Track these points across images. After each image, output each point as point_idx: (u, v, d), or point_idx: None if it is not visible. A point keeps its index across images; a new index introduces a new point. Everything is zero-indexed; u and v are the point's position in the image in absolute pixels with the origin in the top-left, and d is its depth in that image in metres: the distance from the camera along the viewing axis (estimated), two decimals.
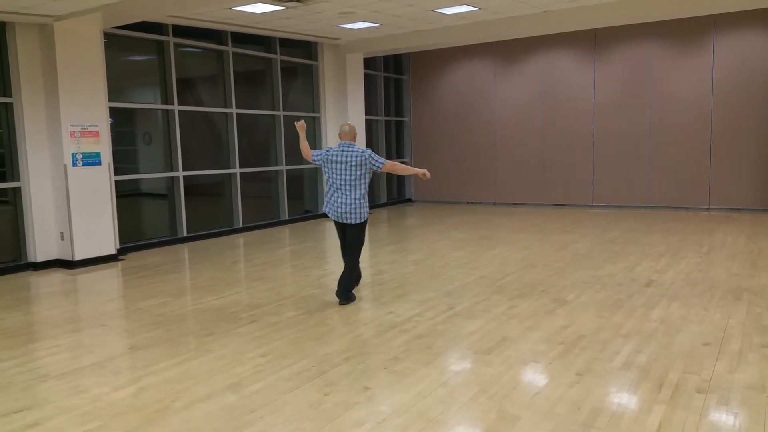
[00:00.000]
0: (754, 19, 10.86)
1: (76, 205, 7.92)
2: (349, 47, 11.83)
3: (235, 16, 9.10)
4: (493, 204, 13.71)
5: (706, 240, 8.53)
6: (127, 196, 9.25)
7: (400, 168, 5.84)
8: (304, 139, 5.97)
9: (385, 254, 7.96)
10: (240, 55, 10.62)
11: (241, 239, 10.03)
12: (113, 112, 8.72)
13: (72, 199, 7.88)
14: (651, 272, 6.66)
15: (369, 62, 13.19)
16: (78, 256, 7.96)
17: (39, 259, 7.97)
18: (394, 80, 14.60)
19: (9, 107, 7.75)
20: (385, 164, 5.59)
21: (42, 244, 7.98)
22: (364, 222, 5.68)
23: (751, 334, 4.53)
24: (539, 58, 12.94)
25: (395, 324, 5.05)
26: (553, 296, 5.79)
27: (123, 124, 9.32)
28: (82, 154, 7.98)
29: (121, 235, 8.71)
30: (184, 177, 9.76)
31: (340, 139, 5.72)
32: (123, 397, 3.73)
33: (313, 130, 12.10)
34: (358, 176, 5.54)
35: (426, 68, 14.32)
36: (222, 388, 3.82)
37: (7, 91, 7.73)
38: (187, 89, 10.16)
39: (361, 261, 6.07)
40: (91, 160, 8.09)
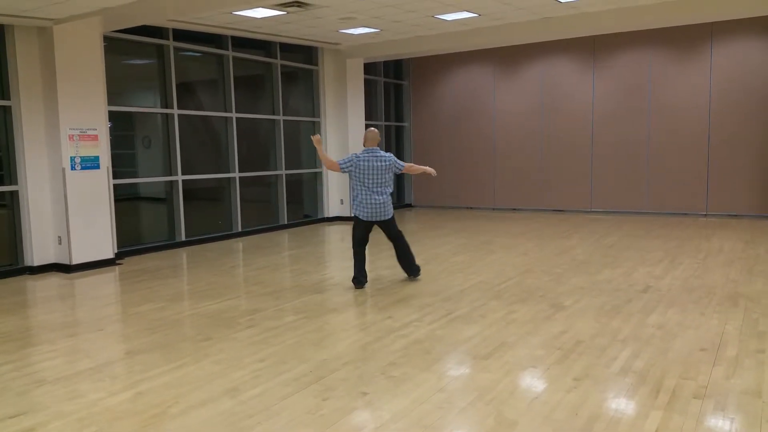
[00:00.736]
0: (752, 27, 10.89)
1: (74, 209, 7.91)
2: (349, 52, 11.86)
3: (236, 21, 9.11)
4: (493, 209, 13.72)
5: (704, 246, 8.54)
6: (126, 200, 9.24)
7: (414, 169, 6.66)
8: (323, 152, 6.50)
9: (384, 259, 7.96)
10: (240, 60, 10.64)
11: (240, 244, 10.02)
12: (112, 116, 8.72)
13: (70, 203, 7.86)
14: (649, 278, 6.66)
15: (369, 67, 13.21)
16: (76, 260, 7.94)
17: (36, 263, 7.95)
18: (394, 86, 14.62)
19: (8, 110, 7.74)
20: (405, 166, 6.49)
21: (39, 248, 7.96)
22: (394, 215, 6.60)
23: (748, 340, 4.53)
24: (539, 65, 12.98)
25: (393, 329, 5.04)
26: (552, 301, 5.79)
27: (122, 128, 9.32)
28: (81, 157, 7.97)
29: (120, 239, 8.70)
30: (183, 181, 9.76)
31: (364, 145, 6.41)
32: (119, 403, 3.72)
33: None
34: (387, 179, 6.37)
35: (426, 74, 14.35)
36: (219, 393, 3.81)
37: (5, 94, 7.73)
38: (187, 93, 10.17)
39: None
40: (90, 164, 8.07)
